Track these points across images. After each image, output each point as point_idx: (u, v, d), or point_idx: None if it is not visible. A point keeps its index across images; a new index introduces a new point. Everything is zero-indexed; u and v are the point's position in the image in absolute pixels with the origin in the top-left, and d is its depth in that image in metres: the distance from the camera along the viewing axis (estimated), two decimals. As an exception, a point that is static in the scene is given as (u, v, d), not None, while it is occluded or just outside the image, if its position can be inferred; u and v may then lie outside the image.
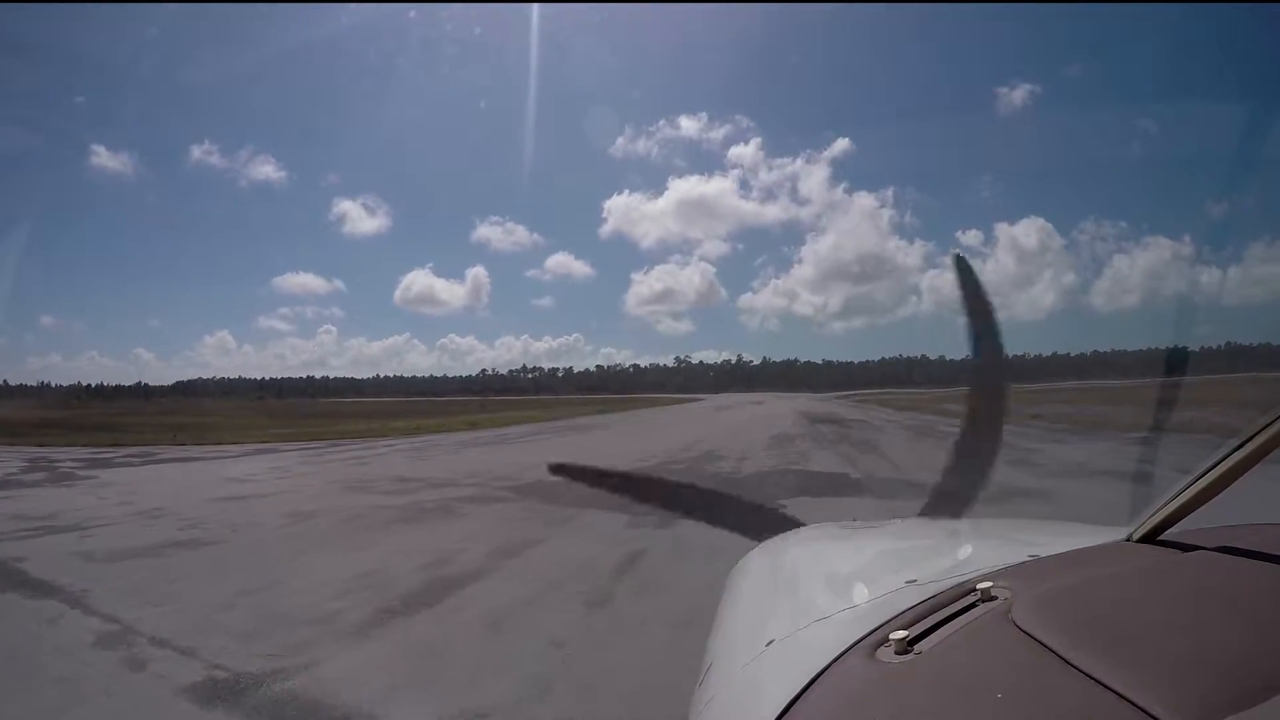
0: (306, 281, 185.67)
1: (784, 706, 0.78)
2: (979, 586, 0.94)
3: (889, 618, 0.92)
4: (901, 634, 0.84)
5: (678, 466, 13.33)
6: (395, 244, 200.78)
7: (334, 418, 43.46)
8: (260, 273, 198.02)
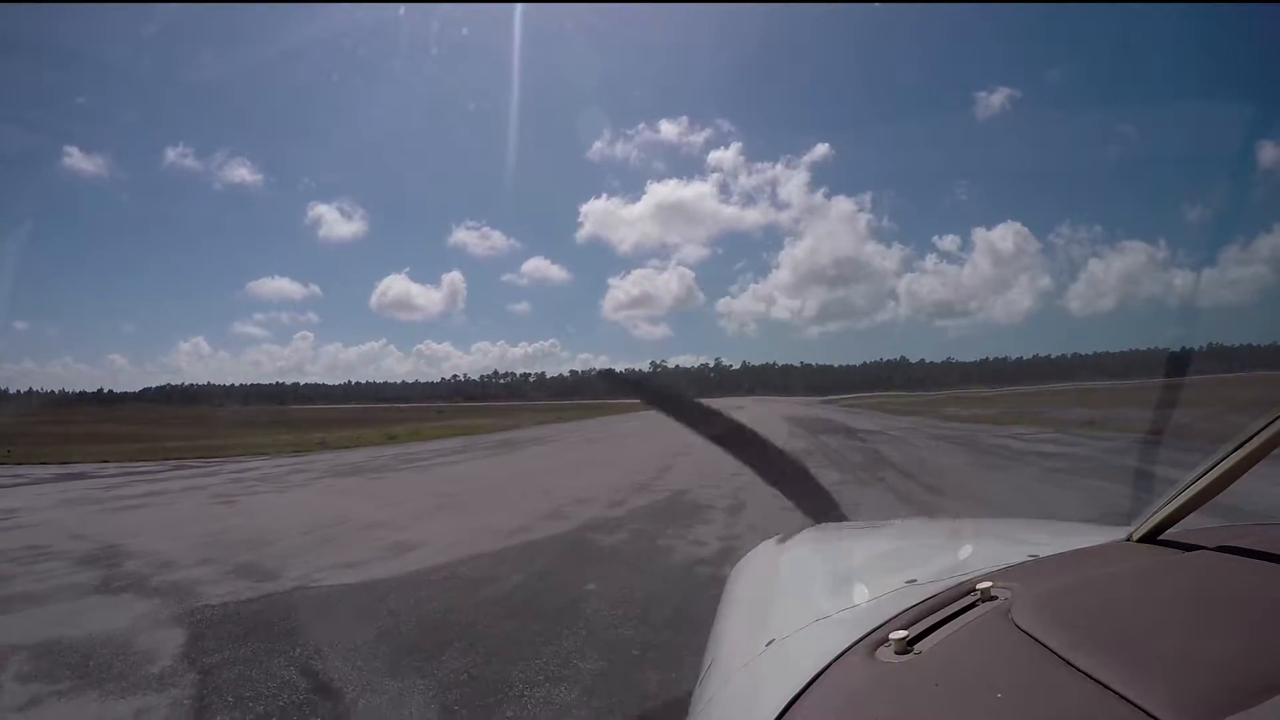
0: (282, 287, 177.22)
1: (784, 706, 0.76)
2: (979, 586, 0.94)
3: (889, 618, 0.91)
4: (901, 634, 0.83)
5: (616, 539, 7.58)
6: (372, 248, 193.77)
7: (263, 427, 39.59)
8: (235, 277, 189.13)
